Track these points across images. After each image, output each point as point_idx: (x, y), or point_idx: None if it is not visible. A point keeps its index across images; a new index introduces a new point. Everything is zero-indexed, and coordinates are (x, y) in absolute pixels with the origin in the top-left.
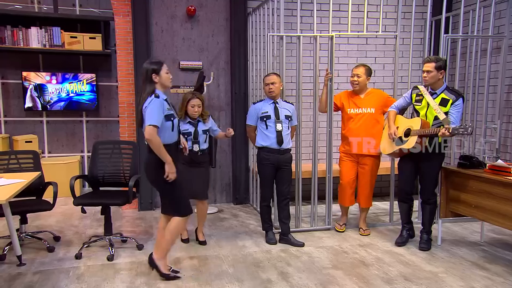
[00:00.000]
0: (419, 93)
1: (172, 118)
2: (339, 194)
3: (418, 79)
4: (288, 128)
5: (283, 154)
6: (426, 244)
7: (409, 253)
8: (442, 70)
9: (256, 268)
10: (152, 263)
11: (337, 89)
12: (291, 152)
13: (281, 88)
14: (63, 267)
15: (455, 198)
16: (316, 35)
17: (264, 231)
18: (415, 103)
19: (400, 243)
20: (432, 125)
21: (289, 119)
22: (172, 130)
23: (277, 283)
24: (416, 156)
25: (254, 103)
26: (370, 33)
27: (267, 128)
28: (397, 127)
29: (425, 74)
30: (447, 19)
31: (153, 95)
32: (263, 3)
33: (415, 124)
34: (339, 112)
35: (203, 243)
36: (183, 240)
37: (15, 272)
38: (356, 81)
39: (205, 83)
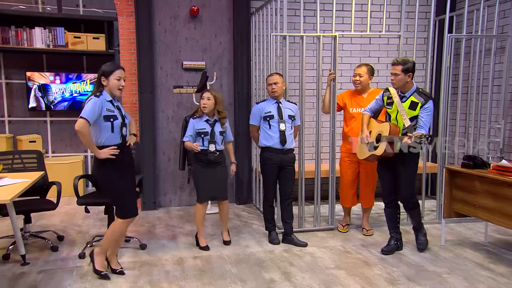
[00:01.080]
0: (390, 95)
1: (111, 119)
2: (341, 195)
3: (421, 78)
4: (291, 128)
5: (286, 154)
6: (422, 245)
7: (412, 254)
8: (410, 73)
9: (259, 268)
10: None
11: (340, 89)
12: (294, 152)
13: (284, 88)
14: (67, 266)
15: (458, 198)
16: (319, 35)
17: (267, 231)
18: (386, 106)
19: (386, 251)
20: (402, 130)
21: (292, 119)
22: (112, 131)
23: (280, 283)
24: (391, 160)
25: (257, 103)
26: (373, 32)
27: (270, 128)
28: (370, 132)
29: (392, 77)
30: (451, 18)
31: (93, 95)
32: (266, 3)
33: (384, 129)
34: (337, 111)
35: (227, 243)
36: (202, 248)
37: (19, 271)
38: (358, 80)
39: (208, 83)
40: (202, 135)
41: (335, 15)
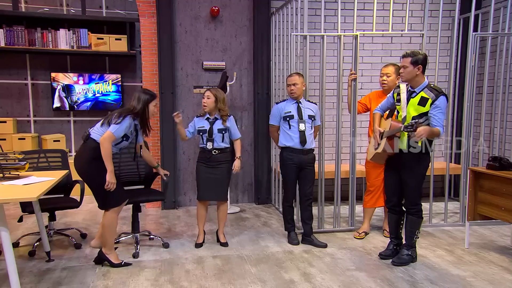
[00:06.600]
0: (399, 92)
1: (124, 138)
2: (366, 197)
3: (445, 78)
4: (311, 128)
5: (306, 154)
6: (399, 260)
7: (435, 256)
8: (419, 65)
9: (278, 269)
10: (102, 259)
11: (361, 88)
12: (314, 152)
13: (304, 88)
14: (90, 263)
15: (483, 201)
16: (340, 35)
17: (286, 232)
18: (396, 103)
19: (383, 256)
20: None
21: (312, 119)
22: (117, 145)
23: (300, 284)
24: (395, 163)
25: (277, 103)
26: (395, 32)
27: (290, 128)
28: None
29: (401, 70)
30: (476, 16)
31: (130, 116)
32: (286, 2)
33: (387, 126)
34: (363, 112)
35: (224, 244)
36: (196, 245)
37: (44, 268)
38: (385, 80)
39: (228, 83)
40: (201, 133)
41: (356, 14)
